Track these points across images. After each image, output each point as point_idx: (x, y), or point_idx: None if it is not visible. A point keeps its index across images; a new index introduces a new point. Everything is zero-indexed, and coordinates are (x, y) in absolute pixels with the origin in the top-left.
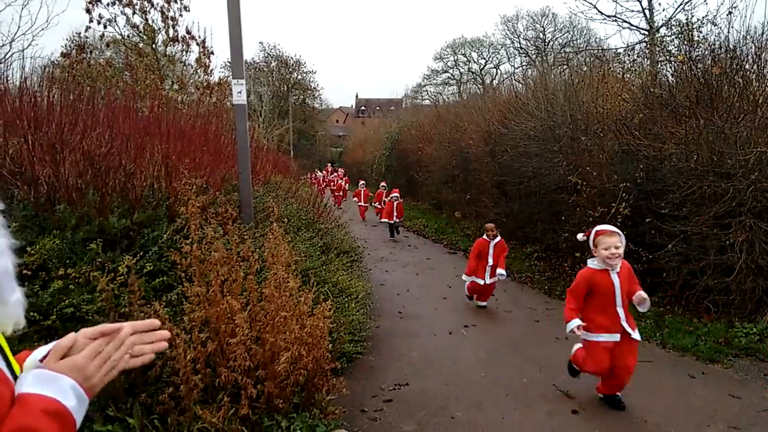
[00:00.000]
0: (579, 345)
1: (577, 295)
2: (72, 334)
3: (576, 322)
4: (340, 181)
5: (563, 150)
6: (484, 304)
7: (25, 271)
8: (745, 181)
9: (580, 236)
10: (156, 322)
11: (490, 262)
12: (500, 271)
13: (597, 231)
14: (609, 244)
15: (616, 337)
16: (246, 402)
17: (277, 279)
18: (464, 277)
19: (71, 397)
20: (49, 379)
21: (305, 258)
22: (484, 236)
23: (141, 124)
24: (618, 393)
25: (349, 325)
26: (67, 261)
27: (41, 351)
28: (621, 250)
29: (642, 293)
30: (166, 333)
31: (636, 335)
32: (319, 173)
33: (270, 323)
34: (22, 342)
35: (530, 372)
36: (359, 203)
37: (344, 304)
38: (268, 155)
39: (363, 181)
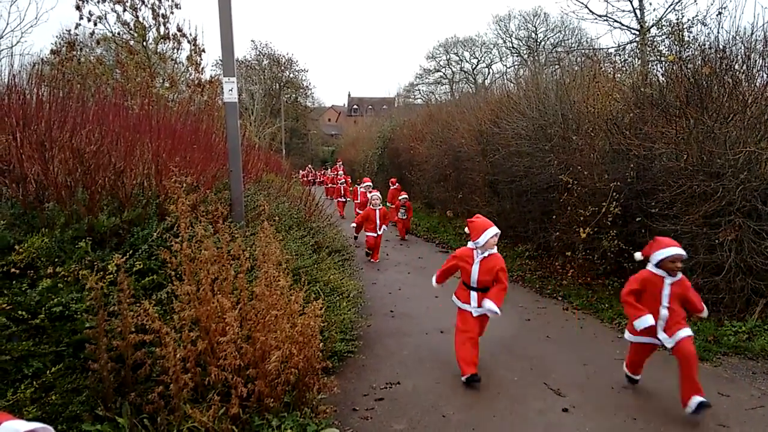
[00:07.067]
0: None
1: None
2: None
3: None
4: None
5: (554, 149)
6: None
7: (13, 270)
8: (735, 181)
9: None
10: None
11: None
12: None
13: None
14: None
15: None
16: (236, 401)
17: (268, 277)
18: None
19: None
20: None
21: (296, 256)
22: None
23: (131, 121)
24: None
25: (340, 323)
26: (56, 259)
27: (23, 425)
28: None
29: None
30: None
31: None
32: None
33: (261, 322)
34: (10, 341)
35: (521, 370)
36: None
37: (335, 303)
38: (259, 153)
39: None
